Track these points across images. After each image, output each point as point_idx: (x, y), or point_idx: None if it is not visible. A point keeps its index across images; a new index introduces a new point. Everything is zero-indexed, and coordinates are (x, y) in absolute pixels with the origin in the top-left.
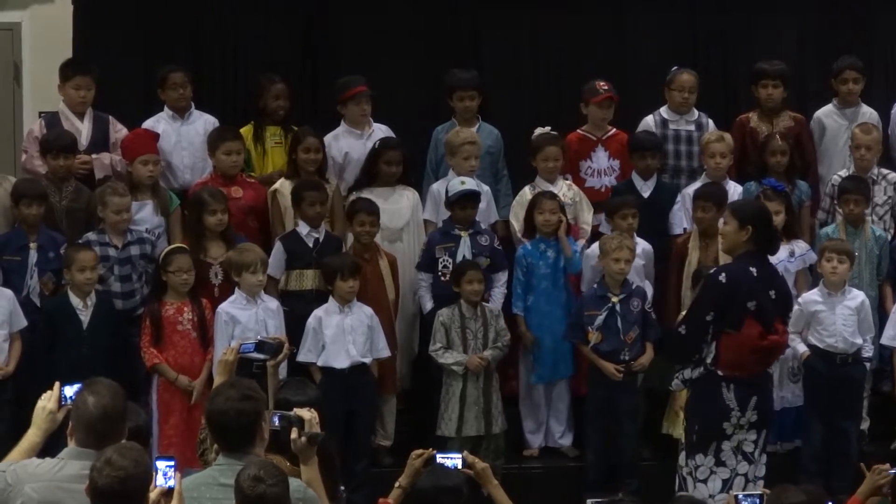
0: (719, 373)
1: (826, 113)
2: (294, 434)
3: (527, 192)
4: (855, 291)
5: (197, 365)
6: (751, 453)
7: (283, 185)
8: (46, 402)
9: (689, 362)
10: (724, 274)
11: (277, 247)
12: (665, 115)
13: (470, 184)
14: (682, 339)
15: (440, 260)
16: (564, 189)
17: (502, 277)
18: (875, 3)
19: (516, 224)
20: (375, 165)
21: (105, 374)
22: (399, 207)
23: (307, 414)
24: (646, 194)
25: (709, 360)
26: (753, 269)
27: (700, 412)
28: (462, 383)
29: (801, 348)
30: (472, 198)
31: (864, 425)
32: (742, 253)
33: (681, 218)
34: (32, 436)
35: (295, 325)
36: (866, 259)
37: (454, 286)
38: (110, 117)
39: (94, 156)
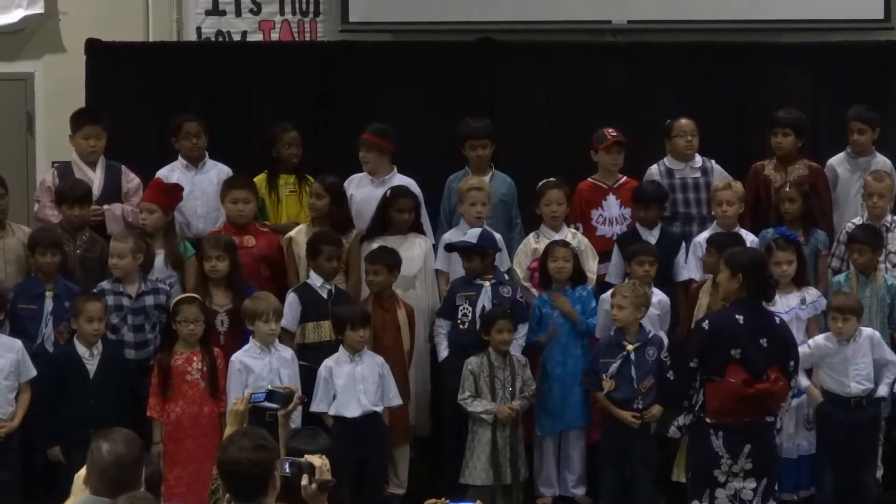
0: (707, 420)
1: (839, 161)
2: (304, 481)
3: (531, 241)
4: (864, 331)
5: (206, 415)
6: (749, 501)
7: (299, 234)
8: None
9: (681, 408)
10: (707, 321)
11: (292, 299)
12: (669, 165)
13: (470, 235)
14: (670, 384)
15: (460, 308)
16: (569, 237)
17: (522, 329)
18: (891, 50)
19: (519, 272)
20: (387, 214)
21: (113, 423)
22: (411, 255)
23: (318, 461)
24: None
25: (697, 408)
26: (740, 317)
27: (692, 459)
28: (490, 432)
29: (815, 393)
30: (466, 250)
31: (879, 473)
32: (734, 300)
33: (687, 266)
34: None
35: (313, 376)
36: (877, 308)
37: (483, 335)
38: (123, 167)
39: (105, 207)
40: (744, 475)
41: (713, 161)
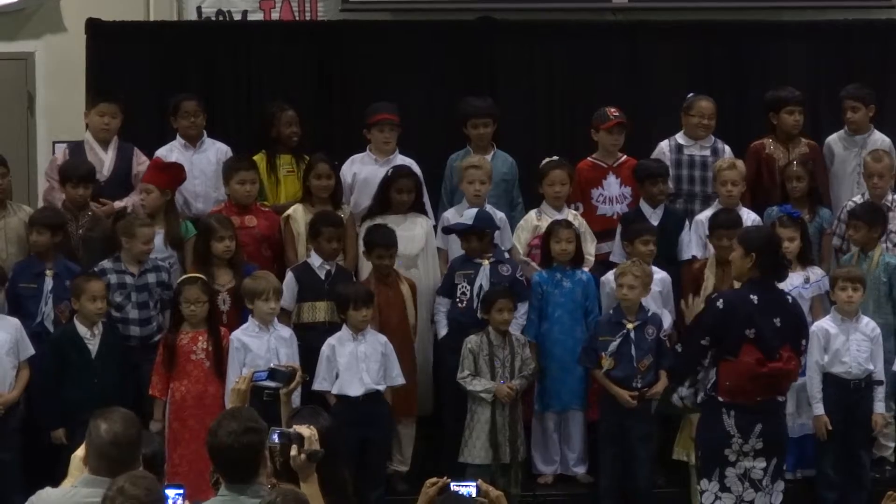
0: (720, 399)
1: (836, 139)
2: (294, 451)
3: (532, 217)
4: (867, 319)
5: (210, 394)
6: (759, 480)
7: (296, 212)
8: (81, 450)
9: (684, 380)
10: (721, 300)
11: (289, 278)
12: (680, 141)
13: (466, 216)
14: (676, 357)
15: (459, 286)
16: (570, 217)
17: (522, 308)
18: (891, 29)
19: (519, 247)
20: (387, 193)
21: (118, 402)
22: (413, 234)
23: (307, 431)
24: (655, 222)
25: (709, 386)
26: (754, 297)
27: (702, 438)
28: (490, 411)
29: (819, 410)
30: (464, 231)
31: (888, 452)
32: (747, 280)
33: (689, 244)
34: (67, 484)
35: (309, 356)
36: (871, 285)
37: (483, 314)
38: (135, 148)
39: (117, 204)
40: (754, 454)
41: (726, 145)
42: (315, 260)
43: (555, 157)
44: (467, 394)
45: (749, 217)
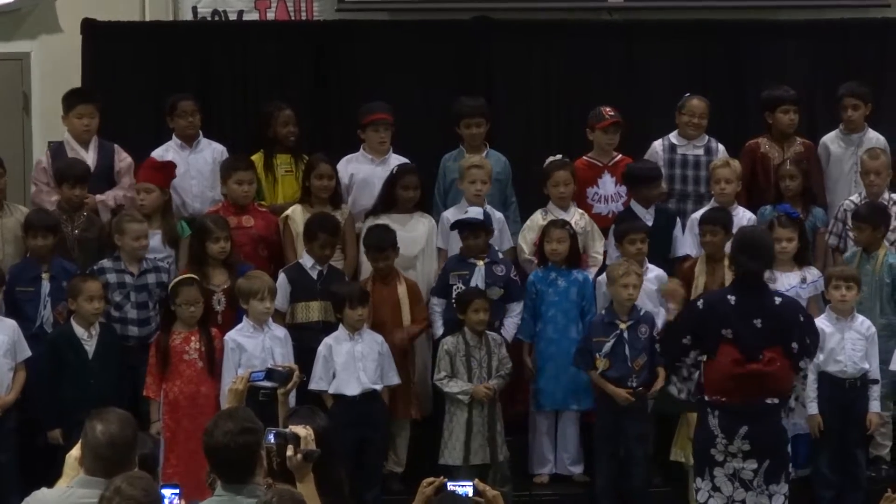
0: (706, 399)
1: (832, 138)
2: (290, 451)
3: (538, 217)
4: (862, 318)
5: (203, 394)
6: (749, 481)
7: (295, 212)
8: (76, 450)
9: (675, 375)
10: (702, 300)
11: (281, 279)
12: (674, 141)
13: (473, 213)
14: (659, 354)
15: (454, 287)
16: (577, 217)
17: (516, 308)
18: (888, 27)
19: (525, 246)
20: (392, 191)
21: (114, 403)
22: (415, 235)
23: (302, 431)
24: (649, 222)
25: (694, 388)
26: (732, 298)
27: (695, 437)
28: (467, 412)
29: (813, 409)
30: (474, 227)
31: (884, 451)
32: (732, 280)
33: (683, 242)
34: (62, 484)
35: (304, 356)
36: (876, 287)
37: (459, 314)
38: (115, 146)
39: (98, 197)
40: (743, 455)
41: (720, 144)
42: (307, 260)
43: (558, 157)
44: (444, 395)
45: (745, 216)
